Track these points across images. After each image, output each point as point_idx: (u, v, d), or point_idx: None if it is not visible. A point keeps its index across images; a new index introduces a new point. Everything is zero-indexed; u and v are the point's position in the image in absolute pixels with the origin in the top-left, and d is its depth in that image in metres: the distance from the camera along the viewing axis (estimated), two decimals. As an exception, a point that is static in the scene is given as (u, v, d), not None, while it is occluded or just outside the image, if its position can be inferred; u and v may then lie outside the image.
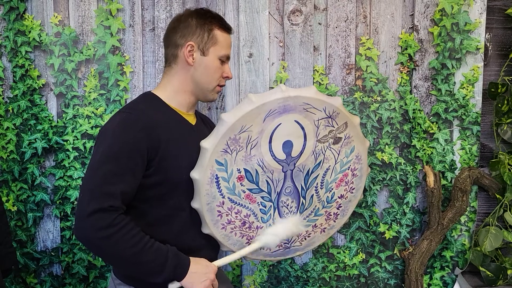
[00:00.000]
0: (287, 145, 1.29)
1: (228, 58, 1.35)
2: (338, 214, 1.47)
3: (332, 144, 1.36)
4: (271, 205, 1.35)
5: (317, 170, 1.36)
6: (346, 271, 1.79)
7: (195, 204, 1.27)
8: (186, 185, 1.26)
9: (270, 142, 1.27)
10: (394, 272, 1.79)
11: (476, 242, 1.74)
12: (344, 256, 1.78)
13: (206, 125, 1.45)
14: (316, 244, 1.48)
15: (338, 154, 1.38)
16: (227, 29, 1.34)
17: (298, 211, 1.39)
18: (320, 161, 1.35)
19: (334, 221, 1.47)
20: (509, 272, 1.70)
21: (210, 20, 1.31)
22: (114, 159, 1.15)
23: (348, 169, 1.41)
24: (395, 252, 1.79)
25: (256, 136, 1.25)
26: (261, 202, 1.33)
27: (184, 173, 1.25)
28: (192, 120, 1.37)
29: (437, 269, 1.78)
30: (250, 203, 1.32)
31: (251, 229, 1.36)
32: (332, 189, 1.41)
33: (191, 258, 1.23)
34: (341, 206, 1.46)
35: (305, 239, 1.45)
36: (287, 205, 1.37)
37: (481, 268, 1.71)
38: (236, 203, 1.30)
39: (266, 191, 1.32)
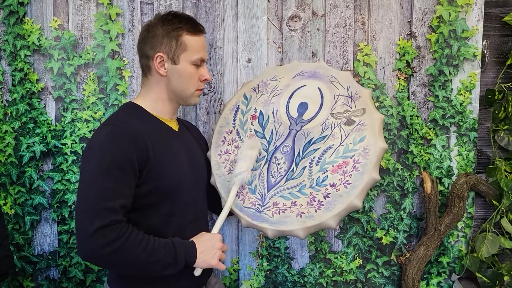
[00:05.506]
0: (303, 106, 1.43)
1: (203, 60, 1.31)
2: (323, 204, 1.29)
3: (344, 124, 1.36)
4: (264, 156, 1.41)
5: (319, 142, 1.36)
6: (343, 276, 1.79)
7: (215, 125, 1.54)
8: (175, 192, 1.26)
9: (290, 97, 1.46)
10: (391, 277, 1.79)
11: (473, 248, 1.74)
12: (341, 261, 1.78)
13: (189, 131, 1.45)
14: (286, 227, 1.31)
15: (346, 137, 1.33)
16: (197, 31, 1.29)
17: (285, 177, 1.35)
18: (326, 136, 1.36)
19: (316, 211, 1.29)
20: (505, 278, 1.70)
21: (177, 25, 1.27)
22: (107, 174, 1.12)
23: (351, 158, 1.30)
24: (392, 257, 1.79)
25: (281, 88, 1.48)
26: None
27: (173, 180, 1.25)
28: (175, 126, 1.36)
29: (434, 275, 1.79)
30: None
31: None
32: (327, 171, 1.31)
33: (195, 239, 1.26)
34: (329, 197, 1.29)
35: (278, 213, 1.33)
36: (278, 164, 1.38)
37: (477, 274, 1.71)
38: (240, 137, 1.45)
39: (267, 139, 1.42)
